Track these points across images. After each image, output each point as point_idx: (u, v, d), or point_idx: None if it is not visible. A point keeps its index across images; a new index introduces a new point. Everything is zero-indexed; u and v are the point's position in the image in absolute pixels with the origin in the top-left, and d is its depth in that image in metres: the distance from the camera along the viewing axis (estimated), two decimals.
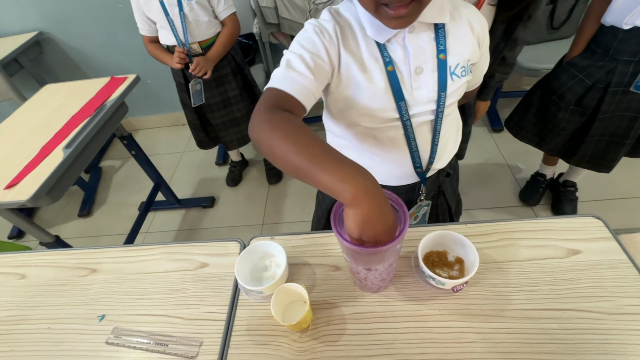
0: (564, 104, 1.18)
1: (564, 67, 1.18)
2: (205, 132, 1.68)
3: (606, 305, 0.51)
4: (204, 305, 0.60)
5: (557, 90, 1.19)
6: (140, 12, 1.34)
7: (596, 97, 1.12)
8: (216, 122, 1.60)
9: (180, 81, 1.50)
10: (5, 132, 1.19)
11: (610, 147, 1.20)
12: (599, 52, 1.08)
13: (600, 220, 0.62)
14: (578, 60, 1.14)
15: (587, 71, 1.11)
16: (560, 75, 1.18)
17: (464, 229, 0.63)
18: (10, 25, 1.97)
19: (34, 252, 0.76)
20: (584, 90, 1.13)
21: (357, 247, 0.44)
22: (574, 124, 1.20)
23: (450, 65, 0.56)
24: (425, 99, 0.57)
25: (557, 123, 1.22)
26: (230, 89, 1.51)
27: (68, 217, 1.99)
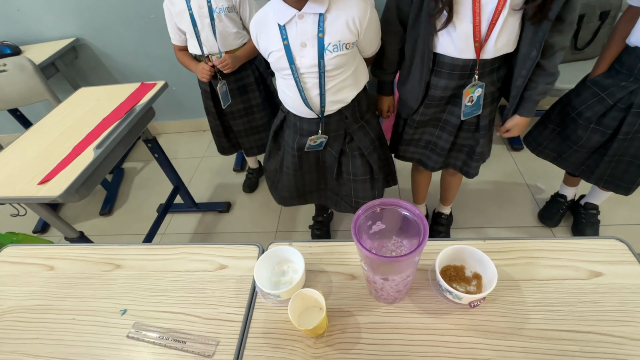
0: (583, 121, 1.17)
1: (587, 85, 1.17)
2: (227, 138, 1.73)
3: (629, 330, 0.50)
4: (221, 306, 0.62)
5: (577, 107, 1.18)
6: (172, 23, 1.41)
7: (618, 117, 1.10)
8: (238, 128, 1.64)
9: (205, 89, 1.56)
10: (42, 131, 1.25)
11: (631, 169, 1.17)
12: (623, 72, 1.07)
13: (624, 243, 0.61)
14: (601, 79, 1.13)
15: (609, 90, 1.10)
16: (582, 92, 1.17)
17: (483, 245, 0.63)
18: (50, 31, 2.10)
19: (62, 245, 0.80)
20: (605, 109, 1.11)
21: (376, 256, 0.45)
22: (593, 143, 1.19)
23: (325, 42, 0.85)
24: (308, 64, 0.88)
25: (576, 140, 1.21)
26: (253, 98, 1.56)
27: (90, 215, 2.06)
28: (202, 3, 1.31)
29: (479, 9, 0.80)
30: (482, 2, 0.80)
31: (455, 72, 0.92)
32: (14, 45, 1.98)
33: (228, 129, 1.69)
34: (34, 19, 2.06)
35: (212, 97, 1.56)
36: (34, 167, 1.06)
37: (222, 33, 1.37)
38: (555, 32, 0.85)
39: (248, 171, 2.03)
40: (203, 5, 1.31)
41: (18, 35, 2.11)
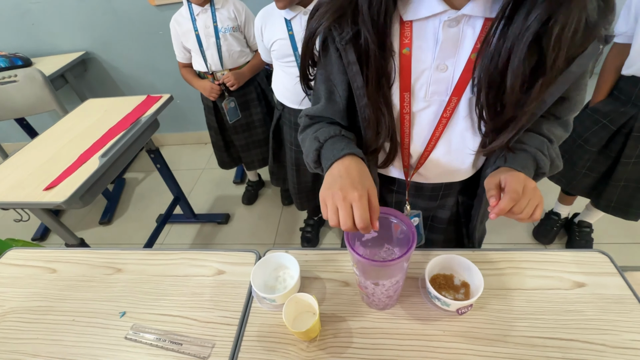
0: (590, 146, 1.20)
1: (588, 113, 1.21)
2: (227, 153, 1.77)
3: (610, 339, 0.52)
4: (218, 310, 0.64)
5: (582, 135, 1.22)
6: (178, 42, 1.48)
7: (620, 141, 1.14)
8: (240, 143, 1.69)
9: (208, 104, 1.61)
10: (49, 139, 1.29)
11: (637, 195, 1.19)
12: (622, 99, 1.12)
13: (606, 255, 0.63)
14: (601, 106, 1.17)
15: (611, 117, 1.14)
16: (585, 120, 1.21)
17: (472, 255, 0.66)
18: (62, 45, 2.18)
19: (65, 249, 0.82)
20: (609, 135, 1.15)
21: (366, 260, 0.47)
22: (600, 166, 1.22)
23: None
24: None
25: (584, 164, 1.24)
26: (255, 113, 1.62)
27: (89, 223, 2.08)
28: (209, 23, 1.38)
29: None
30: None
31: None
32: (25, 57, 2.06)
33: (229, 143, 1.74)
34: (47, 33, 2.14)
35: (215, 113, 1.61)
36: (40, 174, 1.09)
37: (227, 51, 1.43)
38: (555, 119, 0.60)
39: (248, 184, 2.07)
40: (209, 25, 1.38)
41: (30, 48, 2.19)
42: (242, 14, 1.42)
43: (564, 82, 0.46)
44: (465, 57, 0.49)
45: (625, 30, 1.03)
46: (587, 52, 0.44)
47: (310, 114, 0.64)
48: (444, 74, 0.51)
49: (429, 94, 0.54)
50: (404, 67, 0.52)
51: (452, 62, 0.50)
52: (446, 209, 0.74)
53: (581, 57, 0.44)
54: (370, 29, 0.48)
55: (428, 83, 0.53)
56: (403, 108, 0.56)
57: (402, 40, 0.51)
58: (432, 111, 0.55)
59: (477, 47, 0.48)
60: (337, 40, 0.51)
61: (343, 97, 0.58)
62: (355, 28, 0.50)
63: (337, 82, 0.57)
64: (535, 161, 0.56)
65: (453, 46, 0.49)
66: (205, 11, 1.38)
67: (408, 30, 0.50)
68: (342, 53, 0.52)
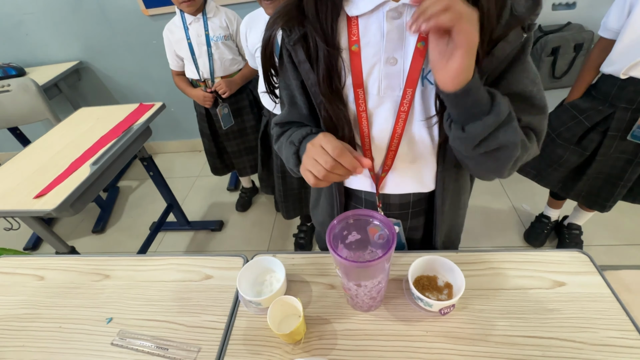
0: (562, 141, 1.23)
1: (565, 107, 1.23)
2: (220, 159, 1.79)
3: (588, 336, 0.53)
4: (205, 314, 0.64)
5: (556, 129, 1.24)
6: (171, 50, 1.50)
7: (596, 139, 1.17)
8: (232, 149, 1.71)
9: (201, 112, 1.63)
10: (41, 147, 1.30)
11: (605, 187, 1.23)
12: (599, 98, 1.14)
13: (586, 255, 0.64)
14: (580, 102, 1.19)
15: (587, 113, 1.16)
16: (562, 115, 1.24)
17: (455, 256, 0.67)
18: (56, 54, 2.19)
19: (54, 256, 0.82)
20: (583, 132, 1.18)
21: (346, 261, 0.48)
22: (571, 163, 1.25)
23: None
24: None
25: (556, 159, 1.27)
26: (247, 120, 1.64)
27: (82, 232, 2.07)
28: (200, 32, 1.41)
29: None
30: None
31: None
32: (19, 67, 2.07)
33: (222, 150, 1.76)
34: (41, 43, 2.16)
35: (207, 120, 1.63)
36: (31, 182, 1.09)
37: (219, 59, 1.46)
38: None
39: (241, 191, 2.08)
40: (201, 34, 1.41)
41: (24, 57, 2.20)
42: (234, 22, 1.44)
43: (488, 64, 0.47)
44: (412, 47, 0.50)
45: (616, 27, 1.03)
46: (509, 38, 0.46)
47: (278, 122, 0.65)
48: (394, 67, 0.52)
49: (382, 89, 0.54)
50: (355, 63, 0.53)
51: (400, 55, 0.51)
52: (418, 229, 0.72)
53: (504, 42, 0.46)
54: (318, 28, 0.50)
55: (380, 78, 0.53)
56: (359, 106, 0.56)
57: (350, 37, 0.52)
58: (388, 107, 0.55)
59: (421, 36, 0.49)
60: (286, 41, 0.53)
61: (302, 100, 0.59)
62: (303, 29, 0.52)
63: (293, 87, 0.58)
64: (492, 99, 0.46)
65: (399, 38, 0.50)
66: (198, 20, 1.40)
67: (355, 27, 0.52)
68: (292, 53, 0.53)
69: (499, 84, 0.51)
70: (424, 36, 0.49)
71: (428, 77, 0.52)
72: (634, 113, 1.07)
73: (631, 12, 0.97)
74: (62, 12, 2.02)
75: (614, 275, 0.62)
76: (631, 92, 1.05)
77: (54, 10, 2.01)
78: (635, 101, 1.05)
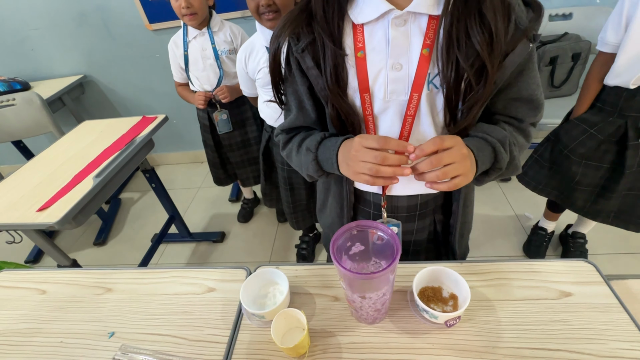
0: (577, 157, 1.20)
1: (574, 123, 1.20)
2: (223, 170, 1.80)
3: (597, 348, 0.52)
4: (208, 328, 0.63)
5: (569, 145, 1.21)
6: (176, 63, 1.53)
7: (610, 149, 1.14)
8: (235, 160, 1.72)
9: (205, 123, 1.65)
10: (44, 161, 1.31)
11: (638, 203, 1.17)
12: (607, 109, 1.12)
13: (592, 264, 0.64)
14: (588, 116, 1.17)
15: (598, 126, 1.14)
16: (571, 130, 1.21)
17: (460, 267, 0.66)
18: (60, 69, 2.22)
19: (56, 269, 0.82)
20: (596, 145, 1.15)
21: (350, 273, 0.48)
22: (589, 179, 1.21)
23: None
24: None
25: (572, 176, 1.23)
26: (251, 131, 1.66)
27: (84, 245, 2.07)
28: (206, 45, 1.44)
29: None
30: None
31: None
32: (24, 82, 2.10)
33: (225, 160, 1.77)
34: (46, 57, 2.19)
35: (211, 131, 1.65)
36: (34, 195, 1.10)
37: (223, 72, 1.48)
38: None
39: (243, 201, 2.08)
40: (207, 48, 1.44)
41: (29, 72, 2.23)
42: (238, 37, 1.48)
43: (500, 76, 0.51)
44: (417, 54, 0.52)
45: (614, 41, 1.03)
46: (517, 51, 0.49)
47: (285, 128, 0.66)
48: (399, 73, 0.54)
49: (388, 94, 0.55)
50: (361, 69, 0.55)
51: (405, 60, 0.53)
52: (424, 230, 0.74)
53: (512, 54, 0.49)
54: (325, 28, 0.53)
55: (386, 83, 0.55)
56: (365, 110, 0.58)
57: (356, 44, 0.54)
58: (395, 111, 0.57)
59: (426, 43, 0.51)
60: (294, 50, 0.55)
61: (311, 105, 0.61)
62: (310, 36, 0.54)
63: (301, 92, 0.60)
64: (494, 152, 0.55)
65: (404, 44, 0.52)
66: (203, 34, 1.44)
67: (360, 34, 0.54)
68: (300, 61, 0.55)
69: (508, 90, 0.56)
70: (429, 43, 0.51)
71: (434, 82, 0.54)
72: None
73: (629, 25, 0.98)
74: (67, 27, 2.06)
75: (620, 285, 0.61)
76: (639, 101, 1.05)
77: (59, 25, 2.05)
78: None
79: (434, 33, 0.50)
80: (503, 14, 0.47)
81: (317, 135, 0.61)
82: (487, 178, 0.58)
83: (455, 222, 0.71)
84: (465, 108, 0.53)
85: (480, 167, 0.53)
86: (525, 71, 0.54)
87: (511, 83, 0.55)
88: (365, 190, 0.71)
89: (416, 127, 0.58)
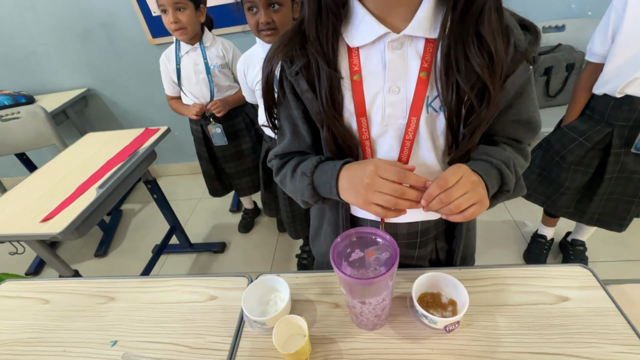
0: (566, 164, 1.24)
1: (565, 131, 1.25)
2: (219, 181, 1.82)
3: (595, 352, 0.53)
4: (210, 335, 0.64)
5: (559, 152, 1.25)
6: (168, 77, 1.56)
7: (597, 156, 1.19)
8: (230, 171, 1.75)
9: (198, 136, 1.67)
10: (48, 172, 1.33)
11: (620, 206, 1.22)
12: (596, 118, 1.17)
13: (588, 269, 0.65)
14: (577, 124, 1.22)
15: (587, 134, 1.18)
16: (562, 138, 1.25)
17: (458, 273, 0.67)
18: (64, 82, 2.27)
19: (59, 279, 0.83)
20: (585, 152, 1.20)
21: (350, 278, 0.49)
22: (576, 183, 1.25)
23: None
24: None
25: (562, 182, 1.27)
26: (244, 142, 1.68)
27: (84, 256, 2.07)
28: (199, 60, 1.47)
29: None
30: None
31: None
32: (29, 95, 2.13)
33: (220, 172, 1.79)
34: (51, 72, 2.24)
35: (205, 143, 1.67)
36: (38, 206, 1.11)
37: (216, 86, 1.51)
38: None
39: (244, 212, 2.09)
40: (199, 62, 1.47)
41: (34, 86, 2.28)
42: (230, 52, 1.51)
43: (502, 98, 0.51)
44: (415, 77, 0.52)
45: (602, 52, 1.07)
46: (518, 73, 0.50)
47: (279, 153, 0.65)
48: (397, 96, 0.53)
49: (386, 118, 0.54)
50: (357, 92, 0.54)
51: (403, 84, 0.52)
52: (425, 258, 0.72)
53: (513, 76, 0.50)
54: (319, 49, 0.52)
55: (383, 107, 0.54)
56: (362, 134, 0.56)
57: (351, 67, 0.53)
58: (393, 135, 0.56)
59: (424, 66, 0.51)
60: (287, 73, 0.54)
61: (305, 129, 0.59)
62: (304, 59, 0.53)
63: (296, 117, 0.59)
64: (501, 174, 0.54)
65: (401, 68, 0.52)
66: (195, 49, 1.47)
67: (356, 57, 0.53)
68: (295, 84, 0.54)
69: (507, 112, 0.55)
70: (427, 67, 0.51)
71: (433, 105, 0.53)
72: (631, 130, 1.10)
73: (615, 36, 1.02)
74: (72, 42, 2.11)
75: (617, 290, 0.62)
76: (626, 110, 1.08)
77: (65, 41, 2.10)
78: (631, 119, 1.08)
79: (431, 56, 0.50)
80: (502, 35, 0.47)
81: (312, 159, 0.60)
82: (495, 201, 0.56)
83: (457, 246, 0.69)
84: (468, 131, 0.52)
85: (490, 191, 0.51)
86: (524, 93, 0.54)
87: (511, 105, 0.54)
88: (362, 217, 0.69)
89: (415, 151, 0.56)
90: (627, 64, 1.01)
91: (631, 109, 1.06)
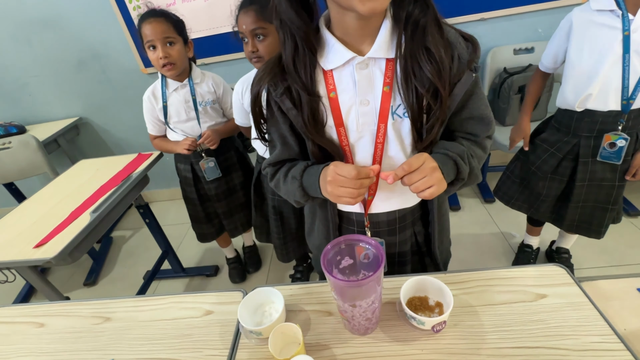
0: (542, 173, 1.33)
1: (537, 143, 1.36)
2: (211, 224, 1.71)
3: (572, 343, 0.56)
4: (207, 349, 0.65)
5: (535, 162, 1.35)
6: (154, 115, 1.47)
7: (569, 165, 1.28)
8: (222, 210, 1.65)
9: (186, 175, 1.55)
10: (41, 199, 1.34)
11: (596, 213, 1.29)
12: (563, 130, 1.27)
13: (563, 268, 0.69)
14: (548, 136, 1.32)
15: (557, 145, 1.28)
16: (536, 149, 1.36)
17: (444, 277, 0.71)
18: (57, 112, 2.30)
19: (53, 303, 0.83)
20: (557, 162, 1.29)
21: (340, 280, 0.52)
22: (553, 190, 1.34)
23: None
24: None
25: (540, 191, 1.36)
26: (237, 177, 1.62)
27: (73, 285, 2.03)
28: (188, 97, 1.43)
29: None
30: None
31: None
32: (20, 125, 2.16)
33: (211, 214, 1.69)
34: (43, 102, 2.28)
35: (195, 183, 1.56)
36: (31, 232, 1.12)
37: (207, 123, 1.47)
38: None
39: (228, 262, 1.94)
40: (189, 100, 1.43)
41: (26, 116, 2.31)
42: (220, 87, 1.48)
43: (452, 101, 0.60)
44: (380, 90, 0.62)
45: (550, 67, 1.26)
46: (463, 80, 0.59)
47: (272, 162, 0.74)
48: (367, 107, 0.63)
49: (360, 126, 0.65)
50: (334, 107, 0.64)
51: (371, 97, 0.62)
52: (406, 242, 0.81)
53: (460, 83, 0.59)
54: (297, 80, 0.61)
55: (357, 117, 0.64)
56: (342, 141, 0.66)
57: (327, 86, 0.63)
58: (367, 140, 0.66)
59: (386, 82, 0.61)
60: (273, 95, 0.64)
61: (293, 140, 0.69)
62: (286, 84, 0.62)
63: (284, 130, 0.69)
64: (456, 165, 0.63)
65: (369, 84, 0.62)
66: (184, 86, 1.42)
67: (330, 77, 0.63)
68: (280, 104, 0.64)
69: (462, 112, 0.65)
70: (389, 82, 0.61)
71: (397, 112, 0.63)
72: (595, 140, 1.19)
73: (567, 54, 1.16)
74: (66, 73, 2.16)
75: (590, 286, 0.66)
76: (588, 122, 1.17)
77: (58, 72, 2.15)
78: (594, 130, 1.17)
79: (392, 72, 0.60)
80: (445, 46, 0.57)
81: (301, 164, 0.70)
82: (452, 188, 0.66)
83: (433, 230, 0.79)
84: (428, 127, 0.62)
85: (446, 179, 0.61)
86: (473, 95, 0.64)
87: (464, 106, 0.65)
88: (348, 211, 0.79)
89: (386, 151, 0.67)
90: (580, 83, 1.13)
91: (592, 121, 1.16)
